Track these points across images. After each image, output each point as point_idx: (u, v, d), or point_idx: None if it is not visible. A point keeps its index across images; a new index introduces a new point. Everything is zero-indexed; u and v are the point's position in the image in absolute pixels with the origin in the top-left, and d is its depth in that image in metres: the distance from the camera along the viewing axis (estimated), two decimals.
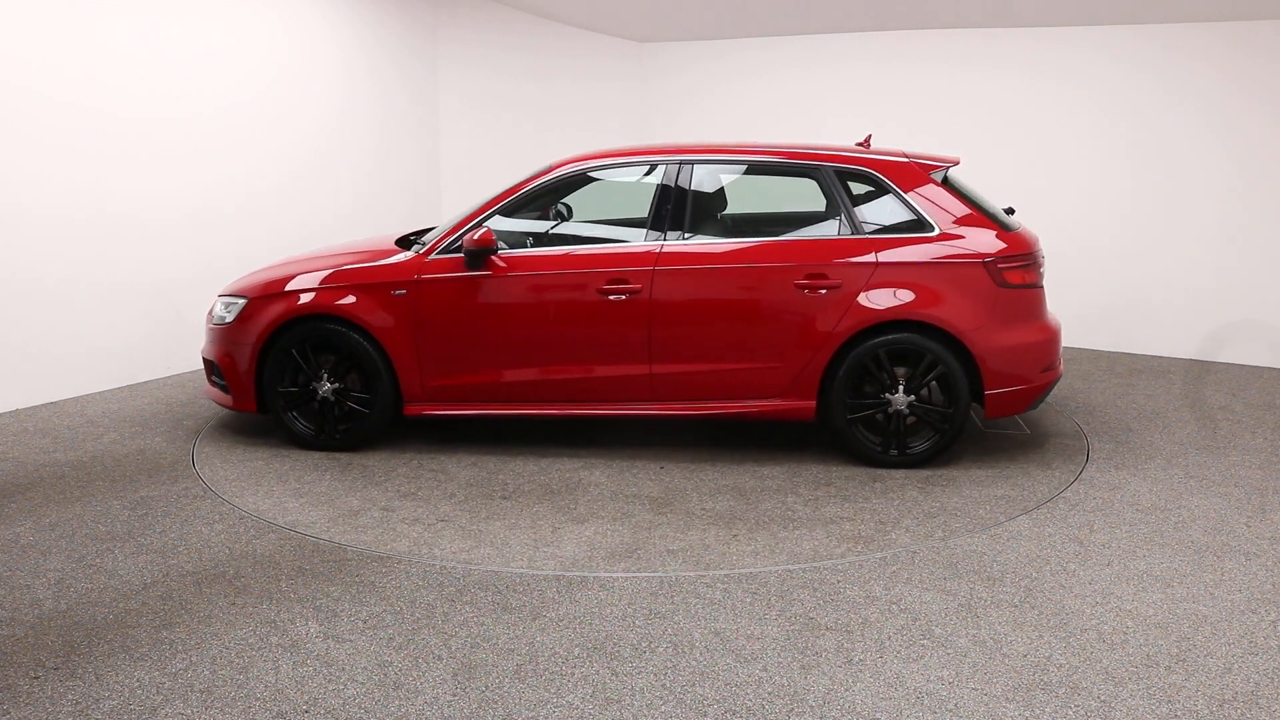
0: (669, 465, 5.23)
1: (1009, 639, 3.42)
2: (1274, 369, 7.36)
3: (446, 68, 8.86)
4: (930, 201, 5.15)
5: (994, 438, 5.69)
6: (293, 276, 5.49)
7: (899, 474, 5.08)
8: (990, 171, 7.88)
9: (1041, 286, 5.26)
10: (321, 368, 5.36)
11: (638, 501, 4.74)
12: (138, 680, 3.15)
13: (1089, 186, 7.98)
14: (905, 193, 5.17)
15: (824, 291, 5.05)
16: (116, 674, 3.19)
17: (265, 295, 5.44)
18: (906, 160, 5.28)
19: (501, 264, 5.22)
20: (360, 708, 3.01)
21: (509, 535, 4.34)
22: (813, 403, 5.15)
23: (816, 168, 5.26)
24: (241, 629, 3.48)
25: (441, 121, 8.91)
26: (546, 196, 5.46)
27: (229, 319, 5.51)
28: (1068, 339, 7.87)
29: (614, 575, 3.91)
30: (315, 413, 5.39)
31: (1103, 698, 3.06)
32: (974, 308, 5.01)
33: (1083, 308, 7.99)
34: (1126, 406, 6.37)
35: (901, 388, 5.06)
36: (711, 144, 5.56)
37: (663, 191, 5.29)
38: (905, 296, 5.02)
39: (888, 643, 3.39)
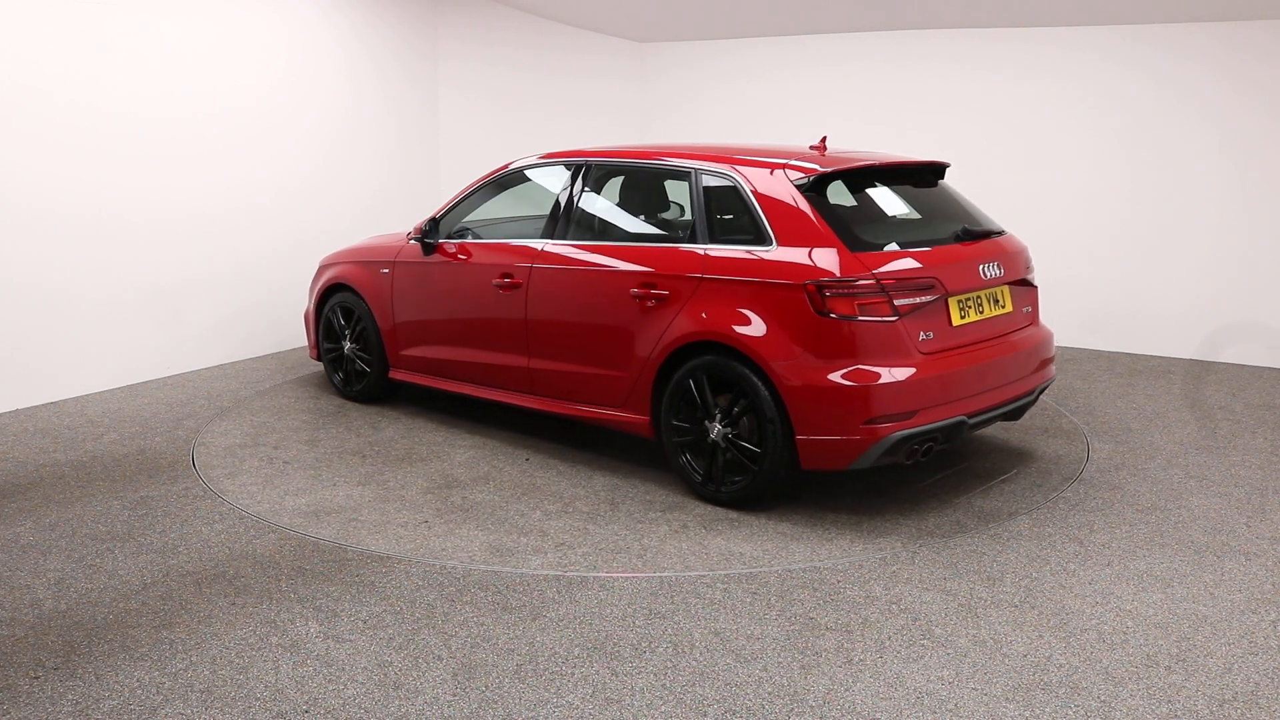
0: (534, 459, 5.30)
1: (1009, 639, 3.42)
2: (1274, 369, 7.35)
3: (448, 69, 8.85)
4: (780, 212, 4.50)
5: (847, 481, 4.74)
6: (343, 251, 6.53)
7: (701, 510, 4.58)
8: (990, 171, 7.88)
9: (893, 321, 4.28)
10: (347, 330, 6.37)
11: (435, 480, 4.99)
12: (138, 680, 3.15)
13: (1089, 186, 7.97)
14: (757, 201, 4.58)
15: (652, 303, 4.76)
16: (116, 674, 3.19)
17: (325, 265, 6.59)
18: (771, 164, 4.69)
19: (443, 252, 5.77)
20: (360, 708, 3.01)
21: (290, 483, 4.91)
22: (646, 419, 4.86)
23: (685, 171, 4.93)
24: (241, 629, 3.48)
25: (443, 121, 8.91)
26: (490, 192, 5.88)
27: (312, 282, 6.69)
28: (1068, 339, 7.88)
29: (614, 575, 3.92)
30: (343, 368, 6.47)
31: (1103, 698, 3.06)
32: (788, 336, 4.32)
33: (1083, 308, 7.98)
34: (1126, 406, 6.37)
35: (719, 416, 4.56)
36: (610, 147, 5.54)
37: (562, 192, 5.41)
38: (719, 315, 4.52)
39: (888, 643, 3.39)
